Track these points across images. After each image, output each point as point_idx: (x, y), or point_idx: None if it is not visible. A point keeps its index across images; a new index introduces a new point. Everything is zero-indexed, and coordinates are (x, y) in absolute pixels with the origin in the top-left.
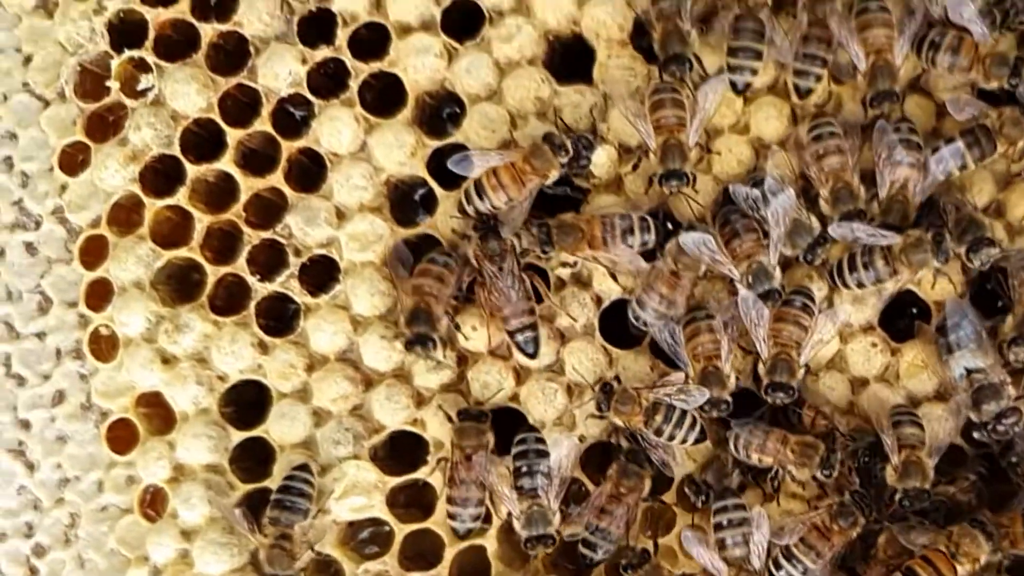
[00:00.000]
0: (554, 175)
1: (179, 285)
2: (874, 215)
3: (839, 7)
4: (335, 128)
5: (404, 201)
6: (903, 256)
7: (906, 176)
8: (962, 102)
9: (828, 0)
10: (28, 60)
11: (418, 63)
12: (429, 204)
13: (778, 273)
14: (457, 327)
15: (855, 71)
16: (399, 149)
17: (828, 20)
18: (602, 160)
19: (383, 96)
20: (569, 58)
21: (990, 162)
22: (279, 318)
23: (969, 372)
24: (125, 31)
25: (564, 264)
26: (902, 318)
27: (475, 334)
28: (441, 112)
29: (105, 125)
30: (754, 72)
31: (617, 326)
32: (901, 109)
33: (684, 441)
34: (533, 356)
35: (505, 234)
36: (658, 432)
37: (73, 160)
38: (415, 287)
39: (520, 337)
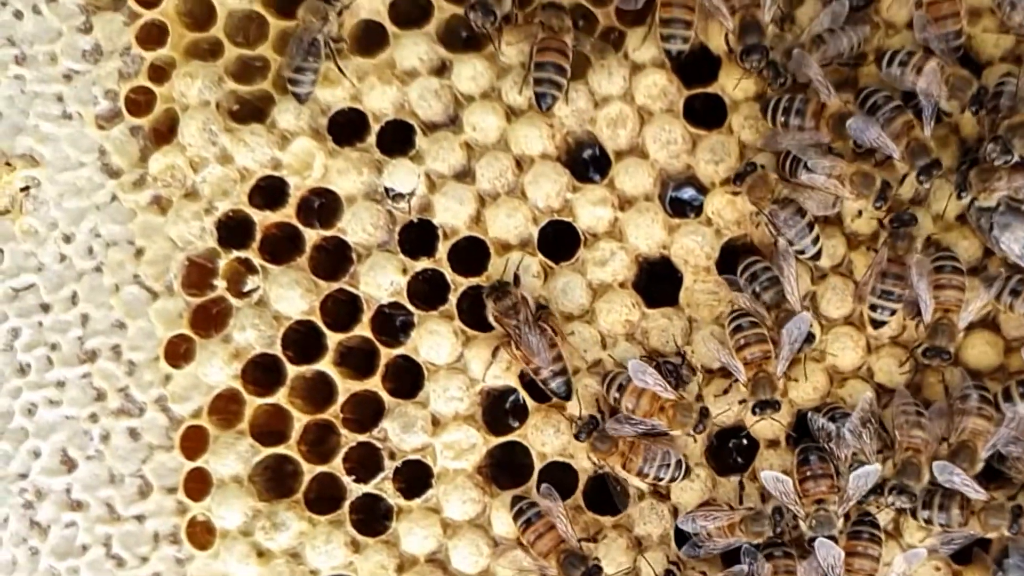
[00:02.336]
0: (677, 433)
1: (274, 475)
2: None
3: (919, 246)
4: (434, 342)
5: (495, 406)
6: (981, 514)
7: (975, 426)
8: None
9: (908, 238)
10: (140, 253)
11: None
12: (519, 412)
13: (840, 522)
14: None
15: (920, 317)
16: (496, 364)
17: (907, 265)
18: (690, 387)
19: (478, 304)
20: (653, 273)
21: None
22: (370, 512)
23: None
24: (232, 227)
25: (640, 474)
26: None
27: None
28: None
29: (208, 317)
30: (816, 241)
31: None
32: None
33: None
34: (567, 398)
35: (513, 291)
36: None
37: (176, 349)
38: (540, 554)
39: (553, 384)
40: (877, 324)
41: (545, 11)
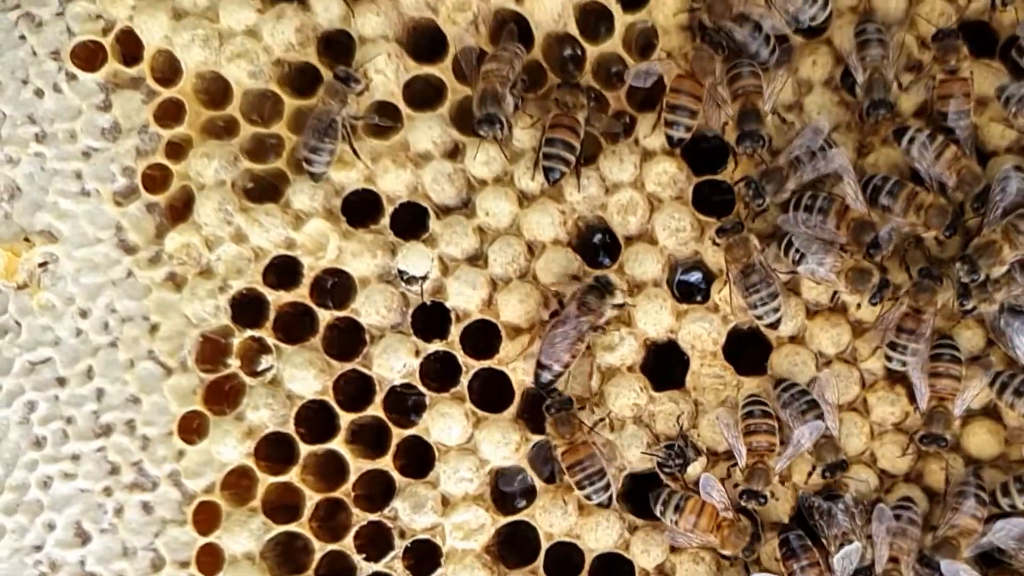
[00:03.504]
0: (721, 548)
1: (285, 550)
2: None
3: (938, 303)
4: (446, 424)
5: (503, 483)
6: None
7: (965, 526)
8: None
9: (931, 292)
10: (155, 329)
11: (526, 365)
12: (527, 493)
13: None
14: None
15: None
16: (505, 446)
17: (923, 320)
18: (696, 470)
19: (489, 383)
20: (659, 352)
21: None
22: None
23: None
24: (246, 304)
25: (569, 470)
26: None
27: None
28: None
29: (221, 393)
30: (777, 310)
31: None
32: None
33: None
34: (539, 385)
35: (607, 303)
36: None
37: (190, 424)
38: None
39: (541, 372)
40: (892, 372)
41: (561, 88)
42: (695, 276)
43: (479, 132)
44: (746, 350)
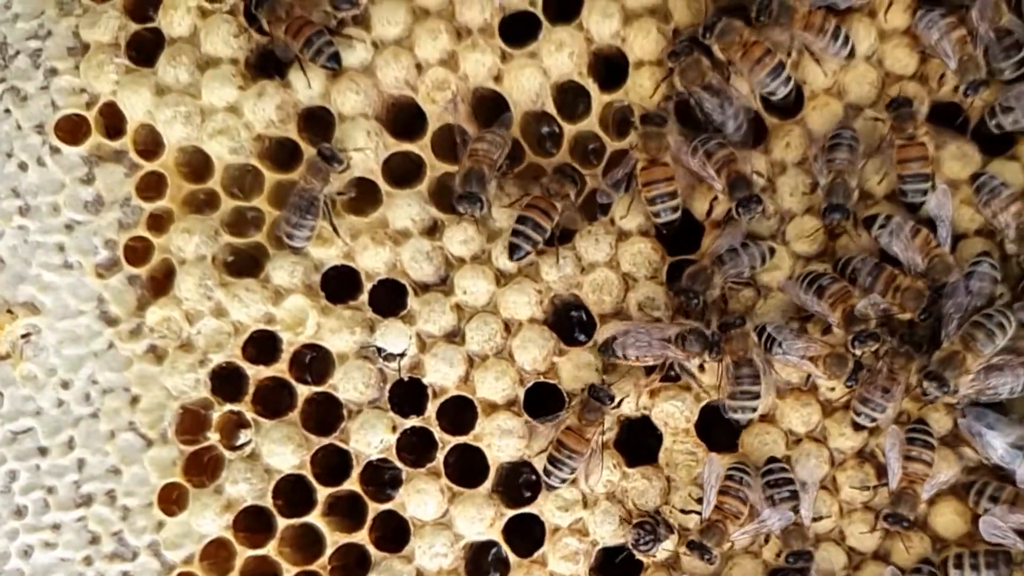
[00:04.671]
0: None
1: None
2: None
3: (914, 369)
4: (422, 500)
5: (477, 557)
6: None
7: None
8: (992, 526)
9: (908, 359)
10: (135, 400)
11: (502, 443)
12: (500, 565)
13: None
14: None
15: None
16: (480, 521)
17: (897, 382)
18: (666, 545)
19: (464, 457)
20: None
21: None
22: None
23: None
24: (225, 376)
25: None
26: None
27: None
28: (519, 476)
29: (201, 465)
30: (754, 409)
31: None
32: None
33: None
34: (600, 347)
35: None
36: None
37: (169, 495)
38: None
39: (610, 341)
40: (858, 427)
41: (554, 173)
42: None
43: (458, 208)
44: (718, 424)
